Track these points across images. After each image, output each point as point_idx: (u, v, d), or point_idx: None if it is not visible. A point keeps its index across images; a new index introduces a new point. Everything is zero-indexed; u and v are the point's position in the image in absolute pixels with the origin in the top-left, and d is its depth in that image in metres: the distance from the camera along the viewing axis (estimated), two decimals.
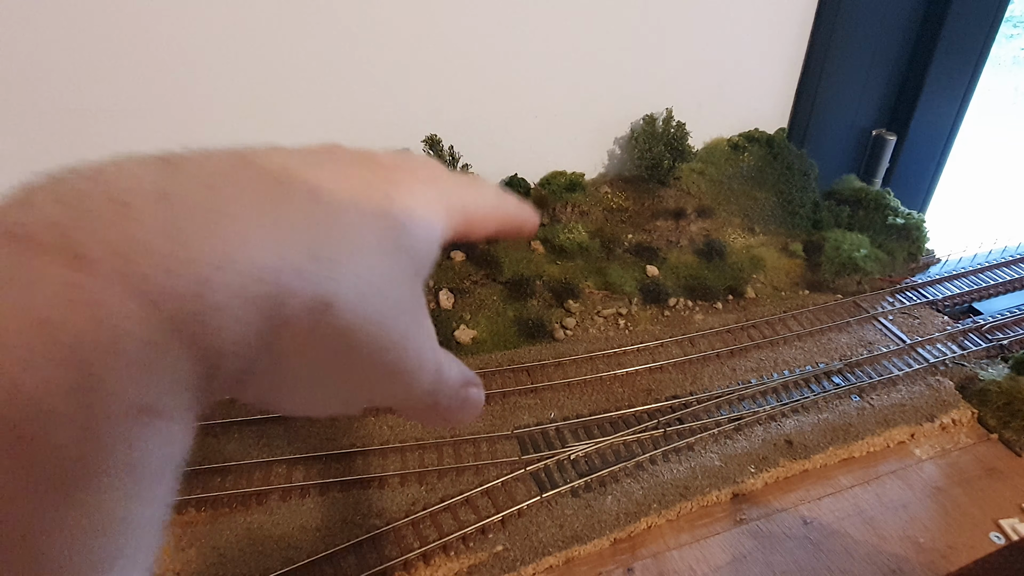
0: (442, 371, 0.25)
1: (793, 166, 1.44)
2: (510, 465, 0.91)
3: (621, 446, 0.95)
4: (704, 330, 1.16)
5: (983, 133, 2.45)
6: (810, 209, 1.41)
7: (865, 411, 1.02)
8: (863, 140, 1.60)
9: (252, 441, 0.94)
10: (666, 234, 1.35)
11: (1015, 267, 1.34)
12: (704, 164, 1.41)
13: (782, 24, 1.40)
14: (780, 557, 0.83)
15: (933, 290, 1.28)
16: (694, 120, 1.34)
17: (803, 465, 0.94)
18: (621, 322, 1.18)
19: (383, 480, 0.89)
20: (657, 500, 0.88)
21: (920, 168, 1.63)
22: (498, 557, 0.81)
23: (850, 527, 0.86)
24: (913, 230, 1.32)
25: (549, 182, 1.32)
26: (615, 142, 1.40)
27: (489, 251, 1.25)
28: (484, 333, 1.13)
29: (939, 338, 1.16)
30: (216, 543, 0.82)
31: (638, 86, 1.34)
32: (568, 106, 1.31)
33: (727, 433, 0.97)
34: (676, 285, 1.25)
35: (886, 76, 1.51)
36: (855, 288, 1.28)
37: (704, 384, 1.06)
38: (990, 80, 1.81)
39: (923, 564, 0.82)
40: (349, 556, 0.80)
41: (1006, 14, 1.44)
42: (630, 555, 0.83)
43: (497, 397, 1.02)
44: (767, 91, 1.49)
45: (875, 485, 0.92)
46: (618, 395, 1.04)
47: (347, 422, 0.97)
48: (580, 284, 1.21)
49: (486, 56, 1.19)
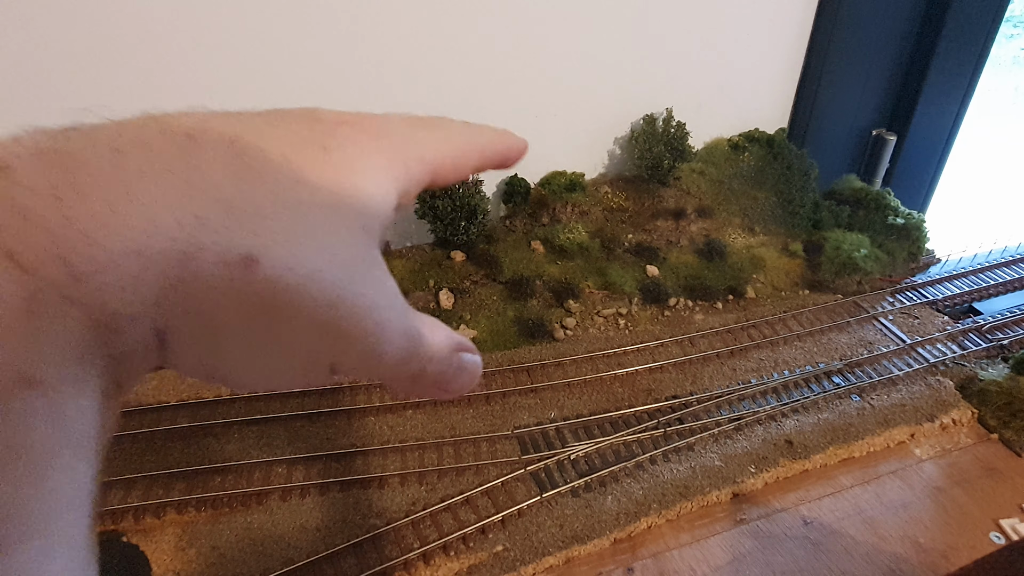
0: (420, 337, 0.24)
1: (793, 166, 1.44)
2: (510, 465, 0.91)
3: (621, 446, 0.95)
4: (704, 330, 1.16)
5: (983, 133, 2.45)
6: (810, 209, 1.41)
7: (865, 411, 1.02)
8: (863, 140, 1.60)
9: (252, 441, 0.94)
10: (666, 234, 1.35)
11: (1015, 267, 1.34)
12: (704, 164, 1.41)
13: (782, 24, 1.40)
14: (780, 557, 0.83)
15: (933, 290, 1.28)
16: (694, 120, 1.34)
17: (803, 465, 0.94)
18: (621, 322, 1.18)
19: (383, 480, 0.89)
20: (657, 500, 0.88)
21: (920, 168, 1.63)
22: (498, 557, 0.81)
23: (850, 527, 0.86)
24: (913, 230, 1.32)
25: (549, 182, 1.32)
26: (615, 142, 1.40)
27: (489, 251, 1.25)
28: (484, 333, 1.13)
29: (939, 338, 1.16)
30: (216, 543, 0.82)
31: (638, 86, 1.34)
32: (568, 106, 1.31)
33: (727, 433, 0.97)
34: (676, 285, 1.25)
35: (886, 76, 1.51)
36: (855, 288, 1.28)
37: (704, 384, 1.06)
38: (990, 80, 1.81)
39: (923, 564, 0.82)
40: (349, 556, 0.80)
41: (1006, 14, 1.44)
42: (630, 555, 0.83)
43: (497, 397, 1.02)
44: (767, 91, 1.49)
45: (875, 485, 0.92)
46: (618, 395, 1.04)
47: (347, 422, 0.97)
48: (580, 284, 1.21)
49: (486, 56, 1.19)
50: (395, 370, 0.23)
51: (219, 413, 0.98)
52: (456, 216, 1.19)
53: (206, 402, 0.99)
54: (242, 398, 1.00)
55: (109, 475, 0.88)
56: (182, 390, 1.01)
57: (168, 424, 0.95)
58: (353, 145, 0.23)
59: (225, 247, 0.18)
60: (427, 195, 1.17)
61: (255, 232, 0.18)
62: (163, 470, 0.89)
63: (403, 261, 1.24)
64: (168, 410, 0.98)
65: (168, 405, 0.98)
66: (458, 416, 0.99)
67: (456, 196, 1.17)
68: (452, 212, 1.18)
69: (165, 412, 0.97)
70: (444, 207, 1.17)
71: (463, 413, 0.99)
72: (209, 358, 0.20)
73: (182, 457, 0.92)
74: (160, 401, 0.99)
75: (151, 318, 0.18)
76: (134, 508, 0.84)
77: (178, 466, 0.90)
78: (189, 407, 0.98)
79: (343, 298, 0.20)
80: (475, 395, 1.01)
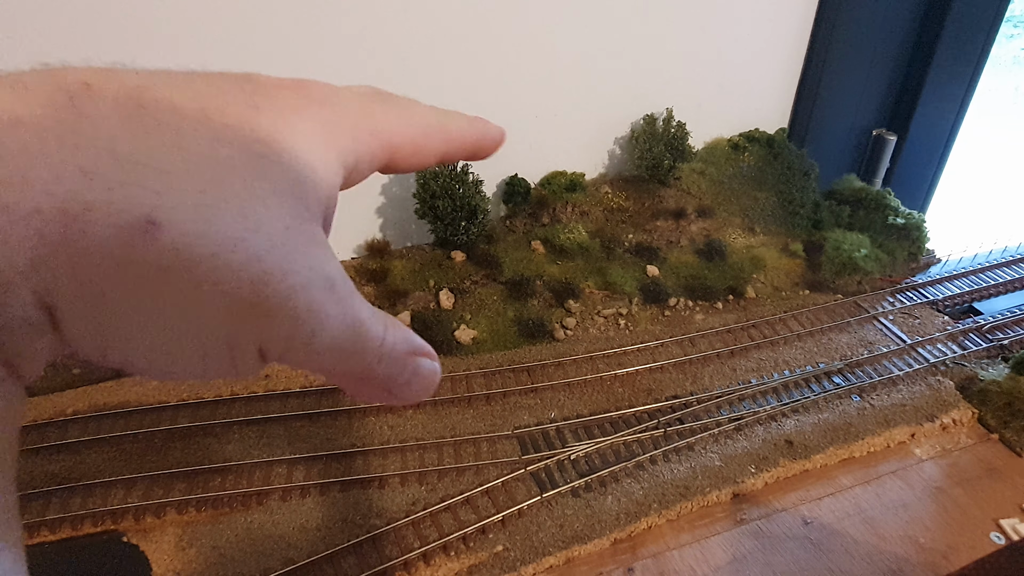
0: (367, 327, 0.21)
1: (793, 166, 1.44)
2: (510, 465, 0.91)
3: (621, 446, 0.95)
4: (704, 330, 1.16)
5: (983, 133, 2.45)
6: (810, 209, 1.41)
7: (865, 411, 1.02)
8: (863, 140, 1.60)
9: (252, 441, 0.94)
10: (666, 234, 1.35)
11: (1015, 267, 1.34)
12: (704, 164, 1.41)
13: (782, 24, 1.40)
14: (780, 557, 0.83)
15: (933, 290, 1.28)
16: (694, 120, 1.34)
17: (803, 465, 0.94)
18: (621, 322, 1.18)
19: (383, 480, 0.89)
20: (657, 500, 0.88)
21: (920, 168, 1.63)
22: (498, 557, 0.81)
23: (850, 527, 0.86)
24: (913, 230, 1.32)
25: (549, 182, 1.32)
26: (615, 142, 1.40)
27: (489, 251, 1.25)
28: (484, 333, 1.13)
29: (939, 338, 1.16)
30: (216, 543, 0.82)
31: (638, 86, 1.34)
32: (568, 106, 1.31)
33: (727, 433, 0.97)
34: (676, 285, 1.25)
35: (886, 76, 1.51)
36: (855, 288, 1.28)
37: (704, 384, 1.06)
38: (990, 80, 1.81)
39: (923, 564, 0.82)
40: (349, 556, 0.80)
41: (1006, 14, 1.44)
42: (630, 555, 0.83)
43: (497, 397, 1.02)
44: (767, 91, 1.49)
45: (875, 485, 0.92)
46: (618, 395, 1.04)
47: (347, 422, 0.97)
48: (580, 284, 1.21)
49: (486, 56, 1.19)
50: (335, 363, 0.21)
51: (219, 413, 0.98)
52: (456, 216, 1.19)
53: (206, 402, 0.99)
54: (242, 398, 1.00)
55: (109, 475, 0.88)
56: (182, 390, 1.01)
57: (168, 424, 0.95)
58: (291, 109, 0.20)
59: (119, 207, 0.15)
60: (427, 195, 1.17)
61: (157, 192, 0.16)
62: (163, 470, 0.89)
63: (403, 261, 1.24)
64: (168, 410, 0.98)
65: (168, 405, 0.98)
66: (458, 416, 0.99)
67: (456, 196, 1.17)
68: (452, 212, 1.18)
69: (165, 412, 0.97)
70: (444, 207, 1.17)
71: (463, 413, 0.99)
72: (108, 338, 0.17)
73: (182, 457, 0.92)
74: (160, 401, 0.99)
75: (29, 286, 0.15)
76: (134, 508, 0.84)
77: (178, 466, 0.90)
78: (189, 407, 0.98)
79: (268, 273, 0.18)
80: (475, 395, 1.01)
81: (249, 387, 1.02)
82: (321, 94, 0.22)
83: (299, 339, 0.19)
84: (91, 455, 0.92)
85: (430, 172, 1.15)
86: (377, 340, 0.21)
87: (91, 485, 0.87)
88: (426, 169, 0.26)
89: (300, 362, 0.20)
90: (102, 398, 1.00)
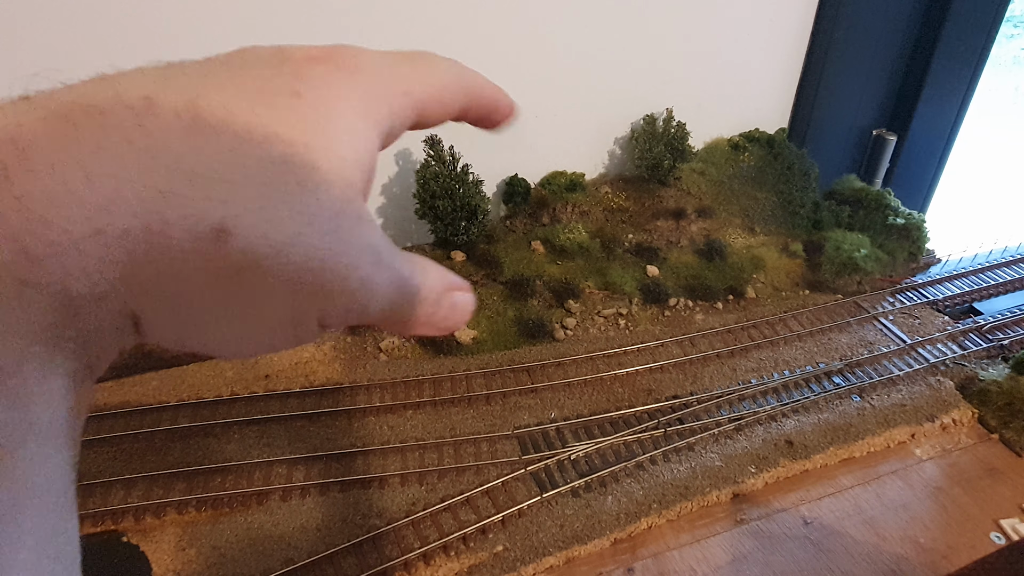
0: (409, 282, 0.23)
1: (793, 166, 1.44)
2: (510, 465, 0.91)
3: (621, 446, 0.95)
4: (704, 330, 1.16)
5: (983, 133, 2.45)
6: (810, 209, 1.41)
7: (865, 411, 1.02)
8: (863, 140, 1.60)
9: (252, 441, 0.94)
10: (666, 234, 1.35)
11: (1015, 267, 1.34)
12: (704, 164, 1.41)
13: (782, 24, 1.40)
14: (780, 557, 0.83)
15: (933, 290, 1.28)
16: (694, 120, 1.34)
17: (803, 465, 0.94)
18: (621, 322, 1.18)
19: (383, 480, 0.89)
20: (657, 500, 0.88)
21: (920, 168, 1.63)
22: (498, 557, 0.81)
23: (850, 527, 0.86)
24: (913, 230, 1.32)
25: (549, 182, 1.32)
26: (615, 142, 1.40)
27: (489, 251, 1.25)
28: (484, 333, 1.13)
29: (939, 338, 1.16)
30: (216, 543, 0.82)
31: (638, 86, 1.34)
32: (568, 106, 1.31)
33: (727, 433, 0.97)
34: (676, 285, 1.25)
35: (886, 76, 1.51)
36: (855, 288, 1.28)
37: (704, 384, 1.06)
38: (990, 80, 1.81)
39: (923, 564, 0.82)
40: (349, 556, 0.80)
41: (1006, 14, 1.44)
42: (630, 555, 0.83)
43: (497, 397, 1.02)
44: (767, 91, 1.49)
45: (875, 485, 0.92)
46: (618, 395, 1.04)
47: (347, 422, 0.97)
48: (580, 284, 1.21)
49: (486, 56, 1.19)
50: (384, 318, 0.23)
51: (219, 413, 0.98)
52: (456, 216, 1.19)
53: (206, 402, 0.99)
54: (242, 398, 1.00)
55: (109, 475, 0.88)
56: (182, 390, 1.01)
57: (168, 424, 0.95)
58: (327, 87, 0.21)
59: (194, 220, 0.17)
60: (427, 195, 1.17)
61: (224, 201, 0.17)
62: (163, 470, 0.89)
63: None
64: (168, 410, 0.98)
65: (168, 405, 0.98)
66: (458, 416, 0.99)
67: (456, 196, 1.17)
68: (452, 212, 1.18)
69: (165, 412, 0.97)
70: (444, 207, 1.17)
71: (463, 413, 0.99)
72: (187, 331, 0.19)
73: (182, 457, 0.92)
74: (160, 401, 0.99)
75: (120, 297, 0.17)
76: (134, 508, 0.84)
77: (178, 466, 0.90)
78: (189, 407, 0.98)
79: (324, 260, 0.19)
80: (475, 395, 1.01)
81: (249, 387, 1.02)
82: (354, 62, 0.23)
83: (355, 309, 0.22)
84: (91, 455, 0.92)
85: (430, 172, 1.15)
86: (418, 290, 0.24)
87: (91, 485, 0.87)
88: (445, 123, 0.28)
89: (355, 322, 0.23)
90: (102, 398, 1.00)
